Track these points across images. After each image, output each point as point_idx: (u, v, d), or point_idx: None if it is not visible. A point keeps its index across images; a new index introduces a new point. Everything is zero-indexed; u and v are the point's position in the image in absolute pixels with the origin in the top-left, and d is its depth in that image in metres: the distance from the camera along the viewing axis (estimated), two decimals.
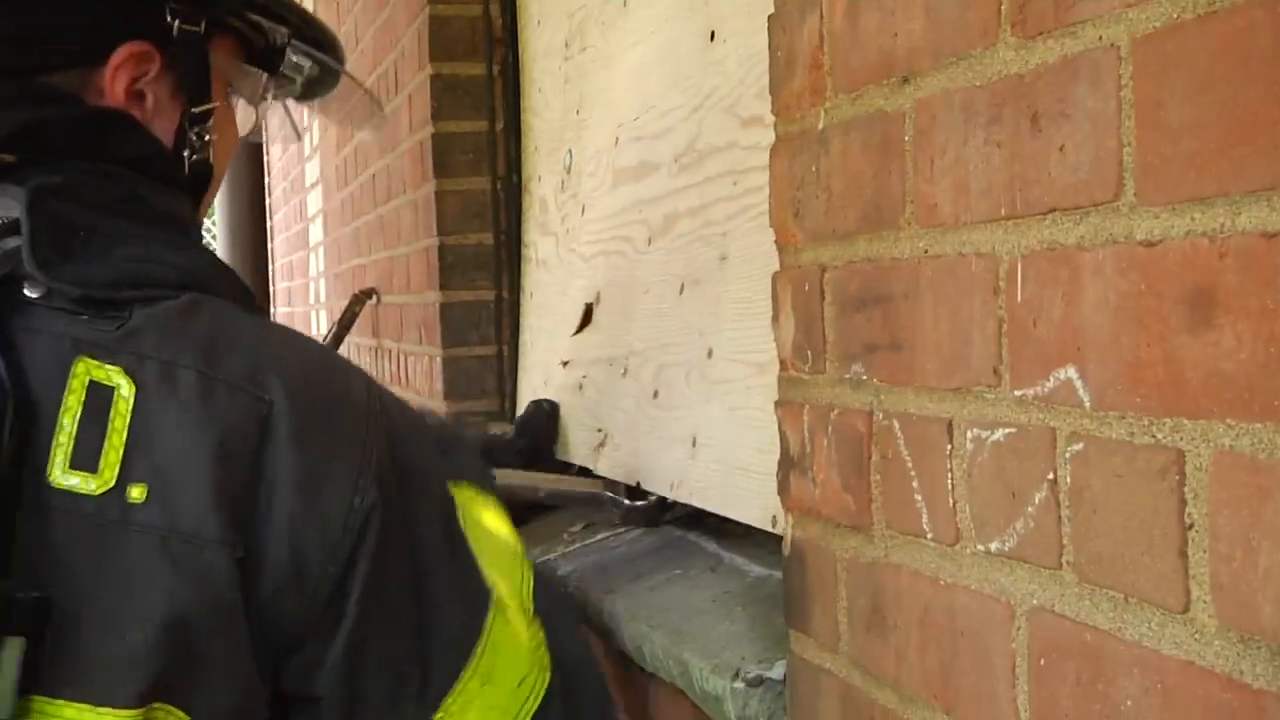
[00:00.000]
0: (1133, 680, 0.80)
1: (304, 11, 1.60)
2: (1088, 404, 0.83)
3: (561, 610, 1.49)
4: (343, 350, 3.69)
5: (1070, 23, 0.84)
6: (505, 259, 2.76)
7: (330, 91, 1.66)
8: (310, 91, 1.64)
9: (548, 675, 1.38)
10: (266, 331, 1.33)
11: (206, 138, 1.45)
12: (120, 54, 1.38)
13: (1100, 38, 0.81)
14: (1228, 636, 0.73)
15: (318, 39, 1.59)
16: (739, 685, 1.29)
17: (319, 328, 4.96)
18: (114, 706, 1.14)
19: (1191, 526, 0.75)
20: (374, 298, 3.51)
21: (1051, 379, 0.87)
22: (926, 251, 1.01)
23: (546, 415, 2.34)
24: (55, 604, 1.13)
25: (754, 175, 1.55)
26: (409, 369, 3.15)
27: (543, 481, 2.09)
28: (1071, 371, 0.85)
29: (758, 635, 1.39)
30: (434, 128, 2.77)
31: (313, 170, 5.07)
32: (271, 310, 6.27)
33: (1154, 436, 0.78)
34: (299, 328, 5.81)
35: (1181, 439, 0.76)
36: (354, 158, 3.90)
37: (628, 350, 1.99)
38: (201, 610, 1.17)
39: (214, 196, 1.55)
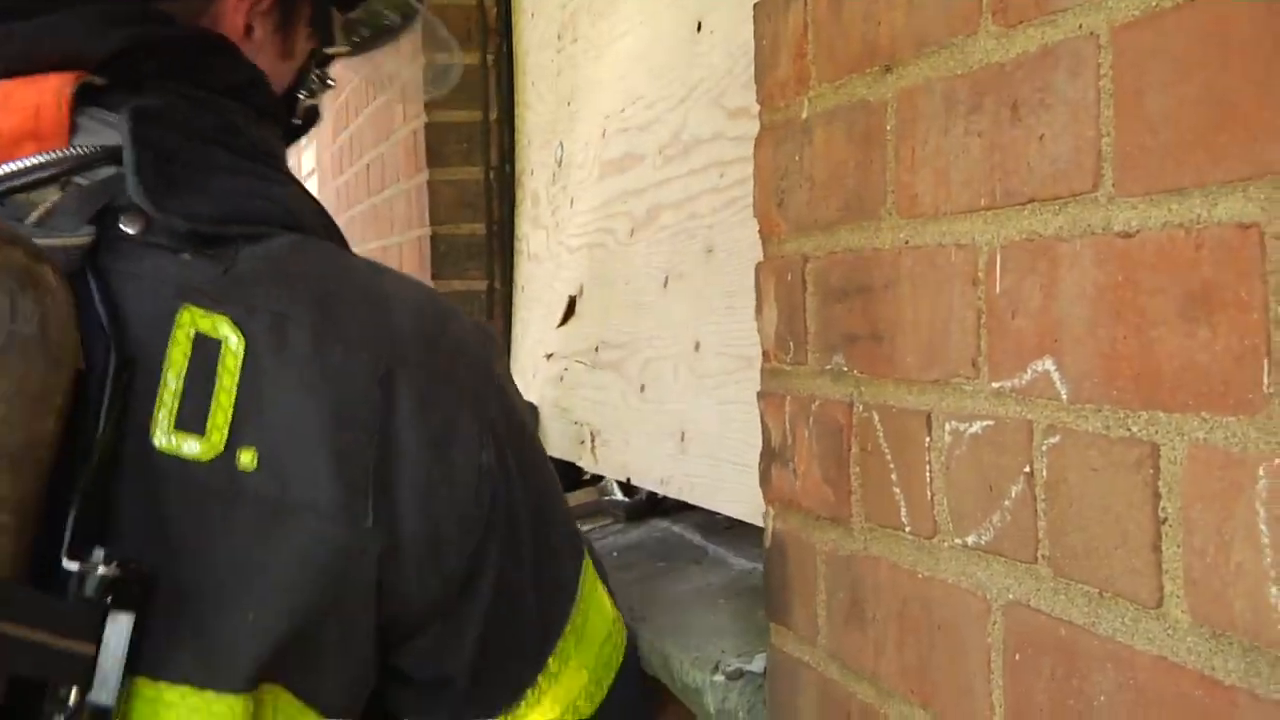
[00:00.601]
0: (1106, 676, 0.80)
1: None
2: (1064, 396, 0.83)
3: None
4: None
5: (1050, 11, 0.83)
6: (498, 249, 2.75)
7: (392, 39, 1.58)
8: (363, 45, 1.53)
9: (625, 633, 1.36)
10: (378, 278, 1.23)
11: (330, 81, 1.39)
12: None
13: (1080, 26, 0.80)
14: (1200, 632, 0.72)
15: None
16: (718, 678, 1.29)
17: None
18: (219, 690, 1.06)
19: (1165, 521, 0.74)
20: None
21: (1029, 371, 0.86)
22: (907, 242, 1.00)
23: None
24: (161, 577, 1.04)
25: (740, 167, 1.54)
26: None
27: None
28: (1049, 364, 0.84)
29: (739, 628, 1.38)
30: (427, 117, 2.75)
31: (309, 159, 5.06)
32: None
33: (1129, 430, 0.77)
34: None
35: (1156, 432, 0.75)
36: (349, 146, 3.89)
37: (608, 343, 1.98)
38: (317, 589, 1.09)
39: None
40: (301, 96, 1.38)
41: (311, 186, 4.95)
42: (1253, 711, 0.68)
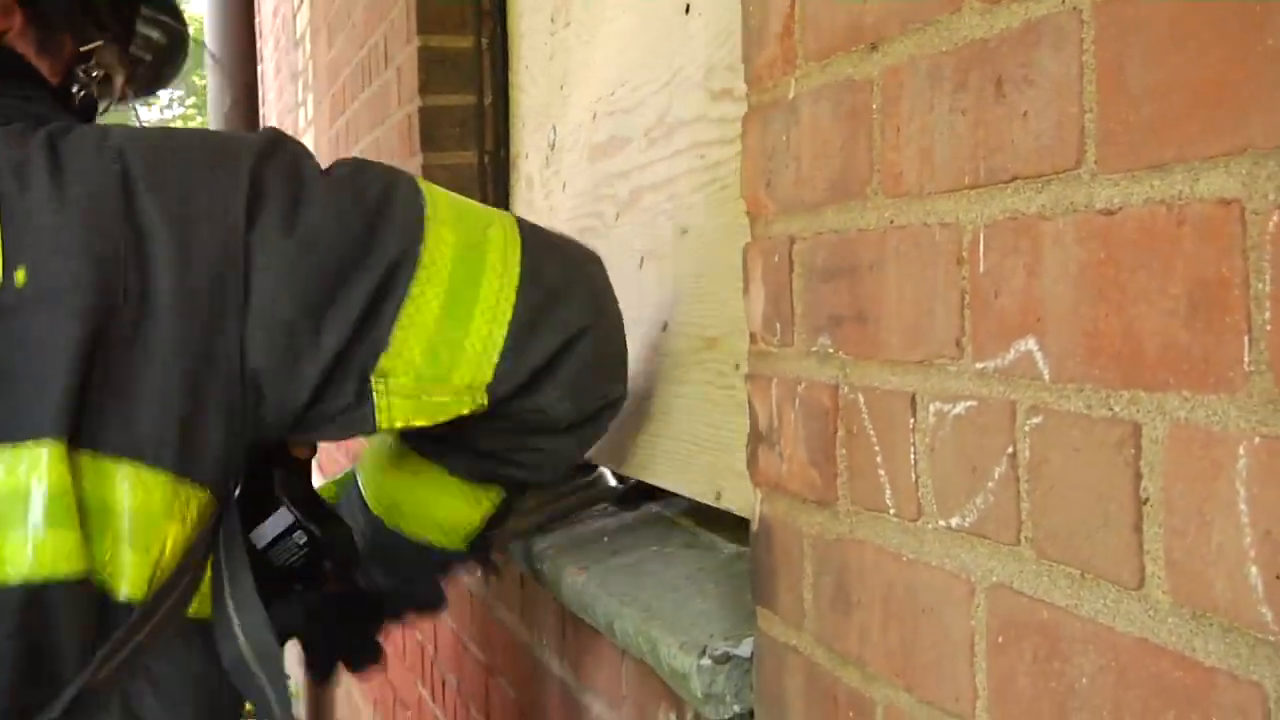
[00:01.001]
0: (1088, 658, 0.79)
1: None
2: (1047, 376, 0.82)
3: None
4: None
5: None
6: None
7: (172, 77, 1.78)
8: (155, 80, 1.76)
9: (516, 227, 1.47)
10: (120, 127, 1.38)
11: (94, 74, 1.55)
12: None
13: (1063, 1, 0.79)
14: (1180, 613, 0.71)
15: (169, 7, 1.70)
16: (705, 662, 1.28)
17: None
18: (31, 438, 1.24)
19: (1147, 501, 0.73)
20: None
21: (1012, 351, 0.85)
22: (892, 222, 0.99)
23: None
24: None
25: (719, 149, 1.53)
26: None
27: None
28: (1031, 343, 0.83)
29: (728, 612, 1.37)
30: (422, 101, 2.74)
31: (308, 143, 5.05)
32: None
33: (1111, 409, 0.76)
34: None
35: (1138, 411, 0.74)
36: (345, 132, 3.88)
37: None
38: (104, 345, 1.26)
39: None
40: (75, 90, 1.55)
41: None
42: (1232, 692, 0.68)
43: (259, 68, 6.11)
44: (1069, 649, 0.81)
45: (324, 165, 1.41)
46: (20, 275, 1.25)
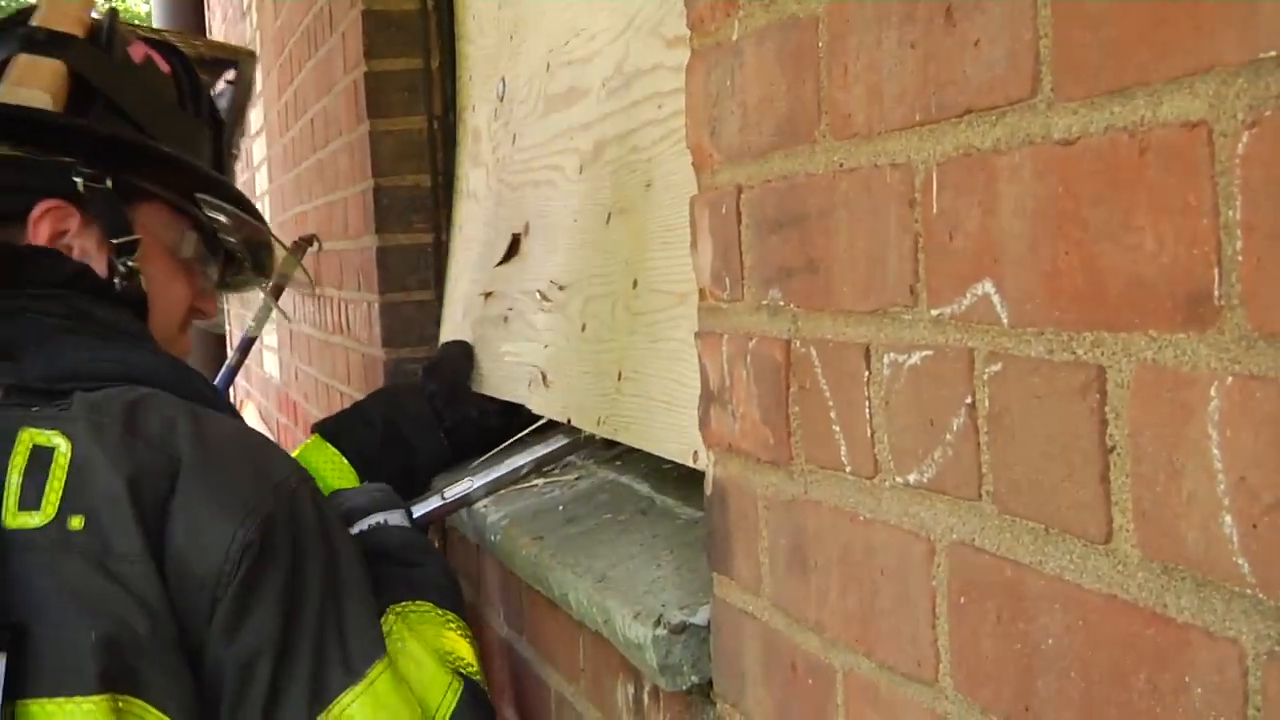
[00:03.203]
0: (1054, 617, 0.75)
1: (212, 174, 1.86)
2: (1005, 321, 0.77)
3: None
4: (285, 300, 3.61)
5: None
6: (444, 201, 2.68)
7: (272, 258, 2.01)
8: (259, 264, 1.96)
9: None
10: (193, 411, 1.52)
11: (131, 264, 1.68)
12: (36, 210, 1.66)
13: None
14: (1151, 568, 0.67)
15: (234, 198, 1.86)
16: (661, 632, 1.23)
17: None
18: (80, 694, 1.35)
19: (1113, 449, 0.69)
20: (315, 244, 3.43)
21: (968, 295, 0.81)
22: (841, 165, 0.94)
23: (464, 355, 2.27)
24: (30, 625, 1.36)
25: (676, 98, 1.47)
26: (349, 316, 3.07)
27: (522, 459, 2.00)
28: (988, 286, 0.79)
29: (683, 580, 1.33)
30: (367, 66, 2.68)
31: (257, 118, 4.97)
32: None
33: (1074, 353, 0.72)
34: None
35: (1102, 354, 0.69)
36: (294, 102, 3.81)
37: (556, 282, 1.92)
38: (138, 611, 1.39)
39: (173, 337, 1.79)
40: (116, 282, 1.68)
41: (260, 145, 4.87)
42: (1207, 651, 0.63)
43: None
44: (1034, 608, 0.76)
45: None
46: (76, 521, 1.40)
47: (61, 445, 1.43)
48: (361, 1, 2.67)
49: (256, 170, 5.09)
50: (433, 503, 1.92)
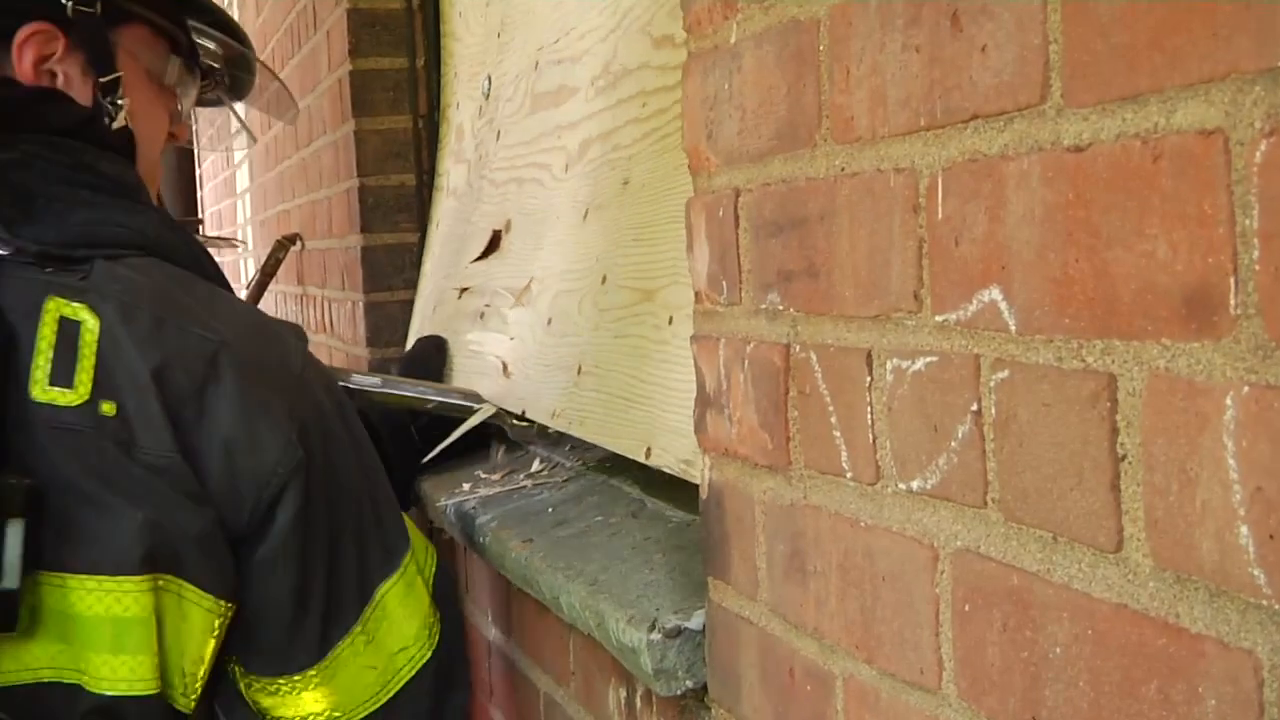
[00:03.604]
0: (1062, 626, 0.74)
1: (205, 1, 1.79)
2: (1013, 327, 0.77)
3: (454, 602, 1.66)
4: (267, 298, 3.59)
5: None
6: (429, 199, 2.67)
7: (251, 86, 1.92)
8: (236, 87, 1.88)
9: (429, 654, 1.55)
10: (215, 294, 1.51)
11: (119, 102, 1.60)
12: (22, 33, 1.56)
13: None
14: (1163, 577, 0.67)
15: (219, 22, 1.79)
16: (656, 637, 1.22)
17: (247, 275, 4.85)
18: (124, 573, 1.34)
19: (1124, 458, 0.68)
20: (298, 243, 3.41)
21: (974, 302, 0.80)
22: (843, 169, 0.94)
23: (436, 350, 2.27)
24: (48, 494, 1.33)
25: (661, 96, 1.47)
26: (333, 315, 3.06)
27: (433, 391, 2.02)
28: (995, 293, 0.78)
29: (677, 584, 1.32)
30: (352, 64, 2.67)
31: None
32: None
33: (1083, 360, 0.71)
34: (228, 275, 5.69)
35: (1113, 362, 0.69)
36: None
37: (530, 278, 1.92)
38: (173, 495, 1.37)
39: (153, 169, 1.71)
40: (106, 121, 1.60)
41: (240, 142, 4.84)
42: (1222, 661, 0.63)
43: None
44: (1041, 616, 0.76)
45: None
46: (108, 407, 1.36)
47: (89, 321, 1.38)
48: (347, 0, 2.66)
49: (237, 168, 5.07)
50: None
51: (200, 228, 3.10)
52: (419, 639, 1.54)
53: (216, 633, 1.43)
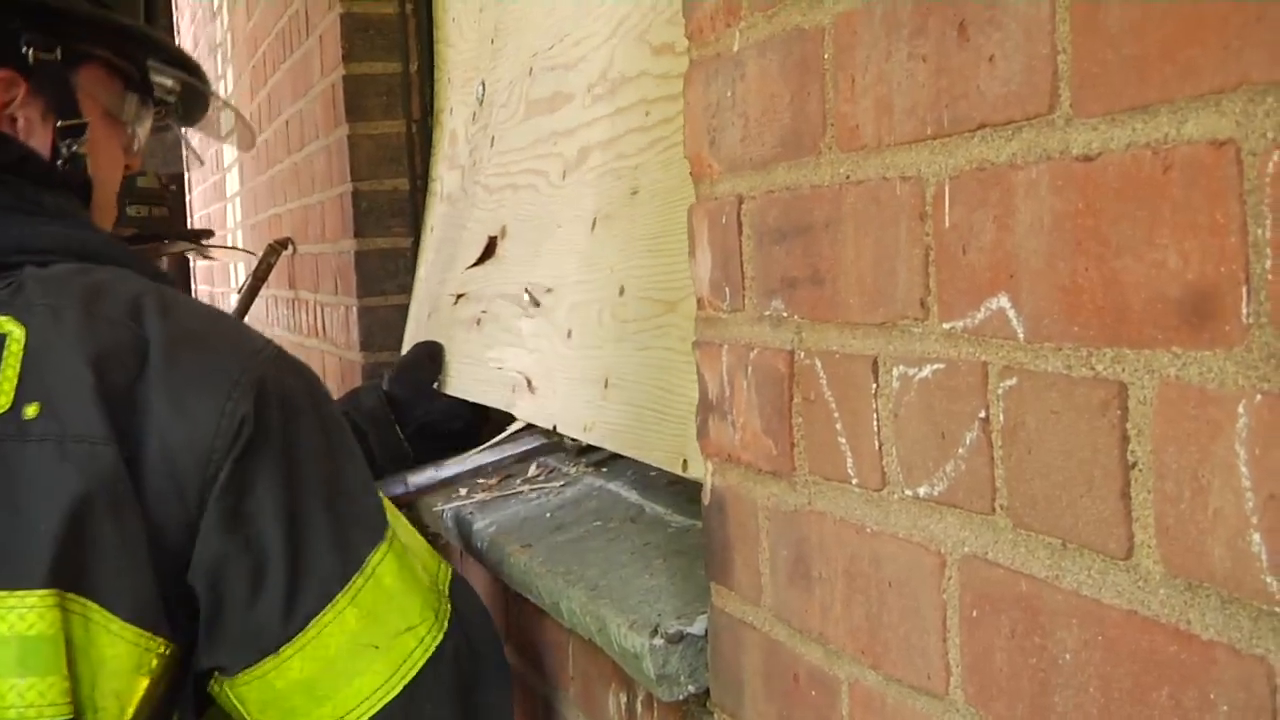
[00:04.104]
0: (1071, 632, 0.75)
1: (160, 37, 1.79)
2: (1021, 335, 0.77)
3: (474, 599, 1.55)
4: (259, 302, 3.59)
5: None
6: (422, 204, 2.67)
7: (204, 112, 1.91)
8: (189, 115, 1.87)
9: (440, 638, 1.45)
10: (155, 288, 1.44)
11: (75, 149, 1.61)
12: None
13: None
14: (1174, 584, 0.67)
15: (177, 60, 1.78)
16: (658, 642, 1.23)
17: (237, 279, 4.84)
18: (25, 588, 1.27)
19: (1135, 465, 0.69)
20: (290, 248, 3.41)
21: (982, 310, 0.81)
22: (848, 177, 0.94)
23: (429, 357, 2.27)
24: None
25: (664, 105, 1.47)
26: (325, 320, 3.06)
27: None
28: (1004, 300, 0.79)
29: (678, 589, 1.32)
30: (345, 69, 2.67)
31: (227, 118, 4.94)
32: (190, 263, 6.14)
33: (1093, 369, 0.72)
34: (218, 280, 5.68)
35: (1123, 370, 0.69)
36: (267, 104, 3.79)
37: (539, 286, 1.91)
38: (97, 499, 1.30)
39: (110, 202, 1.72)
40: (59, 165, 1.61)
41: (229, 148, 4.83)
42: (1234, 667, 0.64)
43: (175, 40, 5.98)
44: (1051, 623, 0.76)
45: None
46: (31, 409, 1.31)
47: (15, 332, 1.35)
48: (340, 4, 2.66)
49: (227, 171, 5.06)
50: (395, 488, 1.94)
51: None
52: (425, 619, 1.44)
53: (153, 674, 1.34)
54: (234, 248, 5.67)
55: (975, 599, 0.83)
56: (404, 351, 2.60)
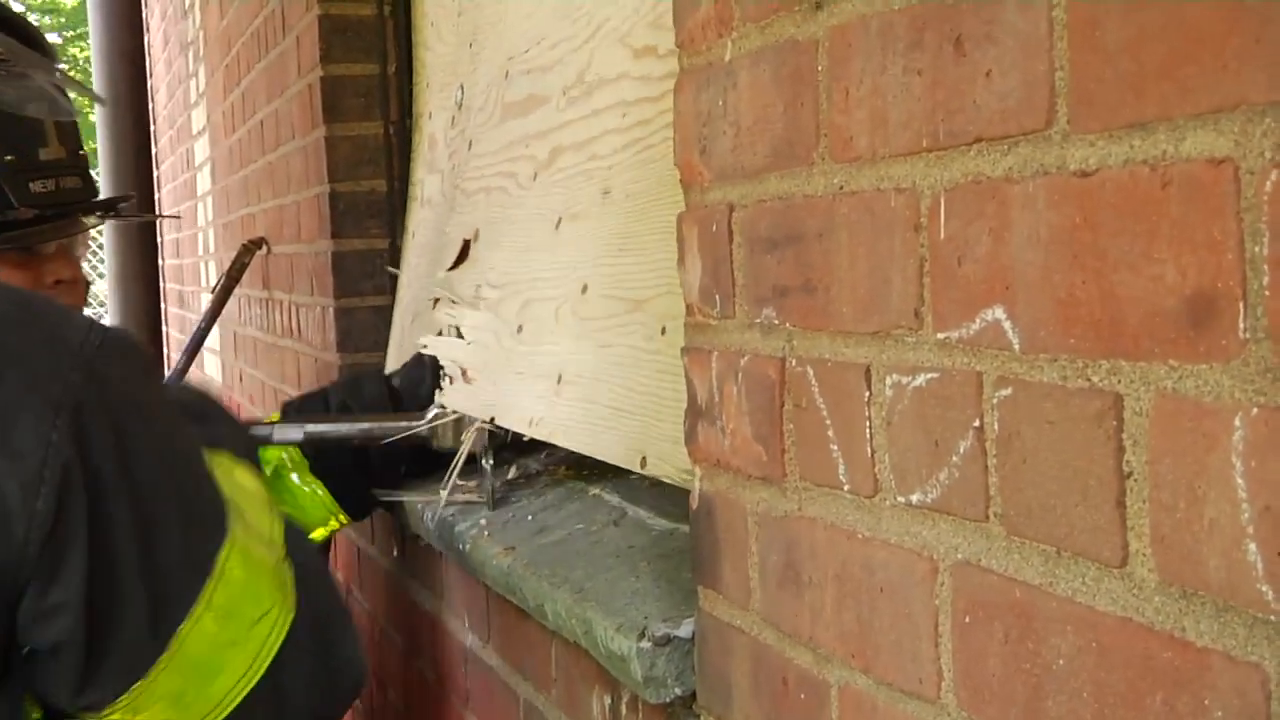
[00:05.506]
0: (1065, 639, 0.76)
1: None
2: (1017, 346, 0.79)
3: (311, 559, 1.56)
4: (232, 302, 3.58)
5: None
6: (399, 206, 2.67)
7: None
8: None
9: (292, 614, 1.45)
10: None
11: None
12: None
13: None
14: (1169, 592, 0.69)
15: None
16: (645, 644, 1.24)
17: (209, 279, 4.83)
18: None
19: (1130, 475, 0.70)
20: (264, 247, 3.41)
21: (978, 320, 0.82)
22: (842, 188, 0.96)
23: (424, 365, 2.26)
24: None
25: (643, 107, 1.48)
26: (301, 320, 3.06)
27: (352, 428, 2.03)
28: (999, 312, 0.80)
29: (663, 592, 1.33)
30: (323, 70, 2.67)
31: (199, 118, 4.93)
32: (160, 262, 6.11)
33: (1089, 380, 0.73)
34: (188, 279, 5.66)
35: (1119, 382, 0.71)
36: (241, 104, 3.78)
37: (489, 283, 1.93)
38: None
39: None
40: None
41: (202, 146, 4.82)
42: (1228, 674, 0.65)
43: (145, 38, 5.96)
44: (1044, 629, 0.78)
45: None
46: None
47: None
48: (318, 5, 2.66)
49: (199, 170, 5.05)
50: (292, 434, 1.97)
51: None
52: (274, 599, 1.43)
53: None
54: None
55: (968, 605, 0.85)
56: (388, 357, 2.60)
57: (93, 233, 2.16)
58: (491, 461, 1.88)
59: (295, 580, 1.47)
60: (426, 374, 2.17)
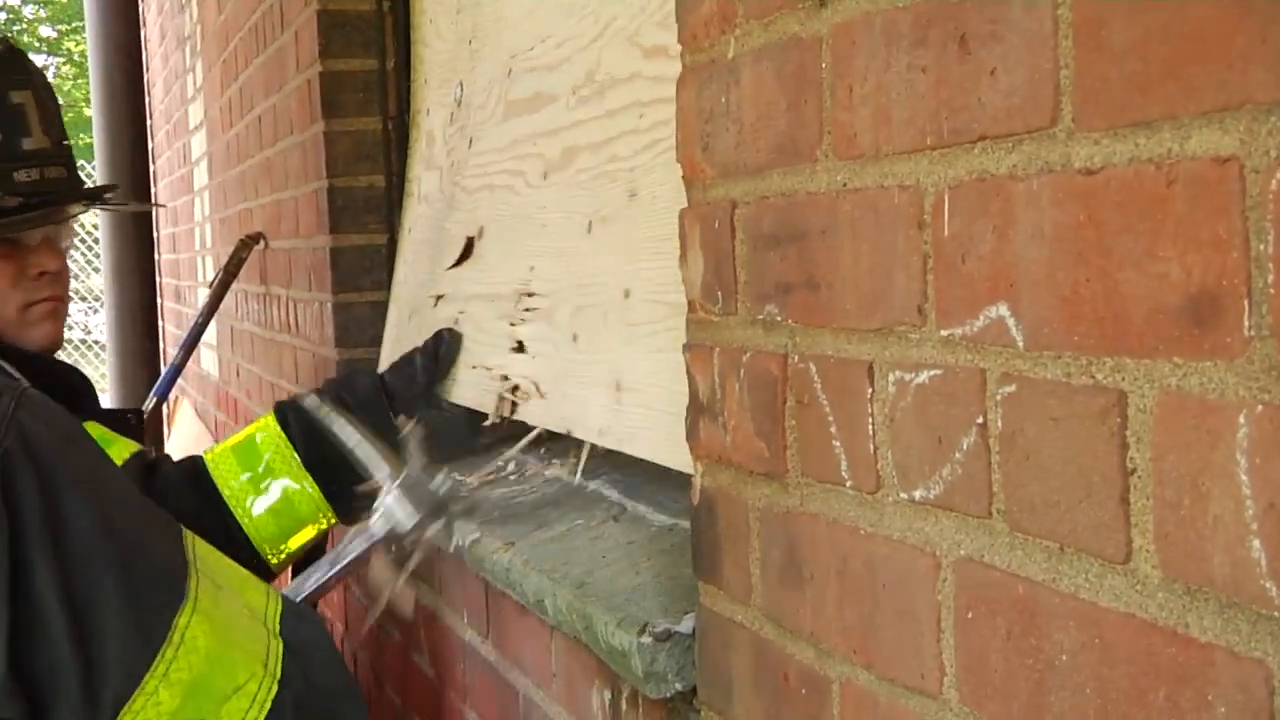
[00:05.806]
0: (1068, 634, 0.76)
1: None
2: (1021, 343, 0.79)
3: (317, 636, 1.47)
4: (229, 297, 3.59)
5: None
6: (398, 201, 2.67)
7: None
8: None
9: (275, 687, 1.35)
10: None
11: None
12: None
13: None
14: (1173, 588, 0.69)
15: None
16: (646, 640, 1.24)
17: (205, 274, 4.83)
18: None
19: (1134, 472, 0.71)
20: (261, 242, 3.41)
21: (981, 317, 0.82)
22: (845, 185, 0.96)
23: (433, 356, 2.24)
24: None
25: (660, 108, 1.48)
26: (299, 316, 3.06)
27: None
28: (1003, 309, 0.80)
29: (664, 588, 1.34)
30: (322, 66, 2.67)
31: (196, 112, 4.93)
32: (156, 256, 6.11)
33: (1093, 377, 0.73)
34: (185, 274, 5.66)
35: (1123, 379, 0.71)
36: (239, 99, 3.78)
37: (533, 291, 1.92)
38: None
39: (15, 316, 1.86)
40: None
41: (199, 141, 4.83)
42: (1232, 670, 0.65)
43: (141, 32, 5.95)
44: (1047, 624, 0.78)
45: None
46: None
47: None
48: (316, 1, 2.66)
49: (195, 165, 5.05)
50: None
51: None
52: (253, 673, 1.33)
53: None
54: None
55: (971, 600, 0.85)
56: (382, 353, 2.60)
57: (89, 227, 2.17)
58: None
59: (285, 655, 1.38)
60: (418, 371, 2.17)
